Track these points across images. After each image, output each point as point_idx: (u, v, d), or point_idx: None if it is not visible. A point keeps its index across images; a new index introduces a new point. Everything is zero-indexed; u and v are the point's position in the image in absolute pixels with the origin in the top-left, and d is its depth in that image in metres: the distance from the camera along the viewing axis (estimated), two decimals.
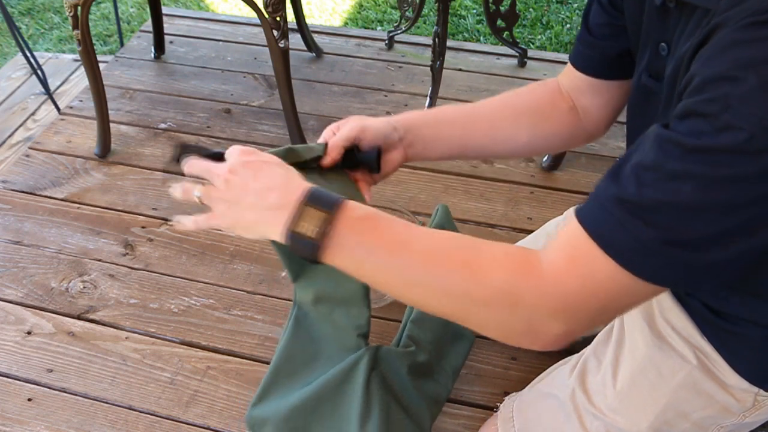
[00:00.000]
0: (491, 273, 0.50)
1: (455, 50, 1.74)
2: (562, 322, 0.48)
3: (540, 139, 0.74)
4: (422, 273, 0.51)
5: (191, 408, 0.97)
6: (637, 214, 0.44)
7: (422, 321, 0.93)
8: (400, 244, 0.52)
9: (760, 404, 0.66)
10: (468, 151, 0.73)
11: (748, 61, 0.40)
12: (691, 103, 0.43)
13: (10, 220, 1.28)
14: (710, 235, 0.42)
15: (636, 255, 0.45)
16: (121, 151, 1.44)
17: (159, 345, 1.06)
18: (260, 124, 1.51)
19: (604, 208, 0.46)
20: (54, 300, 1.13)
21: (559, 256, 0.49)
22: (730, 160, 0.40)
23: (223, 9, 2.40)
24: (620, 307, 0.49)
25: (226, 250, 1.21)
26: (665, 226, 0.43)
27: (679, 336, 0.68)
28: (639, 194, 0.44)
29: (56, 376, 1.02)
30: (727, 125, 0.40)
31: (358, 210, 0.53)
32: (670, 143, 0.43)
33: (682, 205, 0.42)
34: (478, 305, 0.50)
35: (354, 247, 0.52)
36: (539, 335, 0.49)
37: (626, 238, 0.44)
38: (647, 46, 0.58)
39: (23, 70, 1.82)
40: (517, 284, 0.49)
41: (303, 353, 0.86)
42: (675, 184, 0.42)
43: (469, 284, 0.50)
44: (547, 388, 0.81)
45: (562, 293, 0.48)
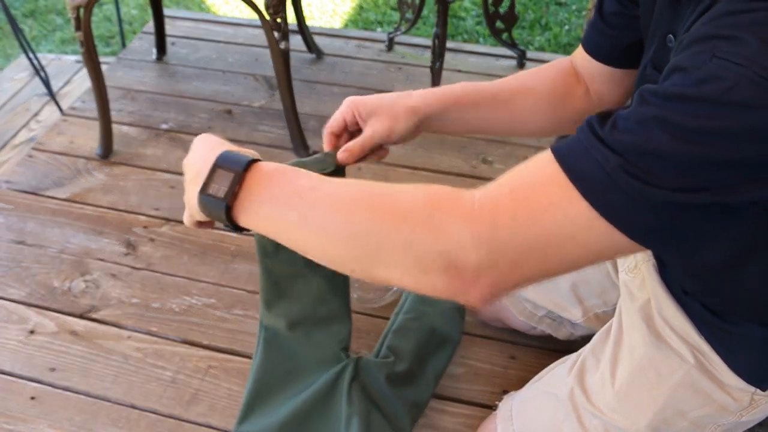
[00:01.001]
0: (409, 194, 0.45)
1: (455, 51, 1.75)
2: (484, 249, 0.42)
3: (556, 123, 0.75)
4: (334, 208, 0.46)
5: (193, 407, 0.98)
6: (605, 144, 0.41)
7: (404, 330, 0.95)
8: (310, 189, 0.48)
9: (756, 403, 0.66)
10: (485, 131, 0.73)
11: (748, 23, 0.38)
12: (675, 60, 0.41)
13: (13, 219, 1.29)
14: (676, 185, 0.39)
15: (600, 185, 0.40)
16: (123, 151, 1.44)
17: (161, 344, 1.07)
18: (261, 125, 1.52)
19: (576, 138, 0.43)
20: (56, 299, 1.14)
21: (501, 181, 0.44)
22: (706, 111, 0.37)
23: (224, 10, 2.41)
24: (557, 254, 0.42)
25: (228, 250, 1.22)
26: (631, 160, 0.39)
27: (677, 335, 0.68)
28: (611, 135, 0.41)
29: (59, 374, 1.02)
30: (709, 76, 0.38)
31: (268, 166, 0.50)
32: (651, 94, 0.41)
33: (649, 149, 0.39)
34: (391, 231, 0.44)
35: (263, 202, 0.49)
36: (460, 275, 0.42)
37: (590, 163, 0.41)
38: (655, 38, 0.58)
39: (26, 72, 1.83)
40: (439, 203, 0.44)
41: (280, 369, 0.87)
42: (648, 128, 0.39)
43: (381, 211, 0.45)
44: (546, 387, 0.82)
45: (491, 213, 0.42)
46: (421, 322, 0.96)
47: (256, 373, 0.87)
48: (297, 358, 0.86)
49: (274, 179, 0.49)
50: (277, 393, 0.87)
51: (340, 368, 0.85)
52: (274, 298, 0.78)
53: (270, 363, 0.86)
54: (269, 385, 0.87)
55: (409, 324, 0.95)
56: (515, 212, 0.42)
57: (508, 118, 0.72)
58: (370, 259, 0.46)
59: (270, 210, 0.48)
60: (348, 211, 0.46)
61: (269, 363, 0.86)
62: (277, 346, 0.86)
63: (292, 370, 0.86)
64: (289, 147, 1.44)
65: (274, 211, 0.48)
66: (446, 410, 0.97)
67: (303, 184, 0.48)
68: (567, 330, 0.97)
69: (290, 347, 0.85)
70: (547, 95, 0.73)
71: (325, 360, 0.85)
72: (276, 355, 0.86)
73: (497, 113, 0.71)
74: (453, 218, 0.43)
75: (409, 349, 0.93)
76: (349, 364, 0.85)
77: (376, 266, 0.46)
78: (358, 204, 0.46)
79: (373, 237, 0.45)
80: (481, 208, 0.43)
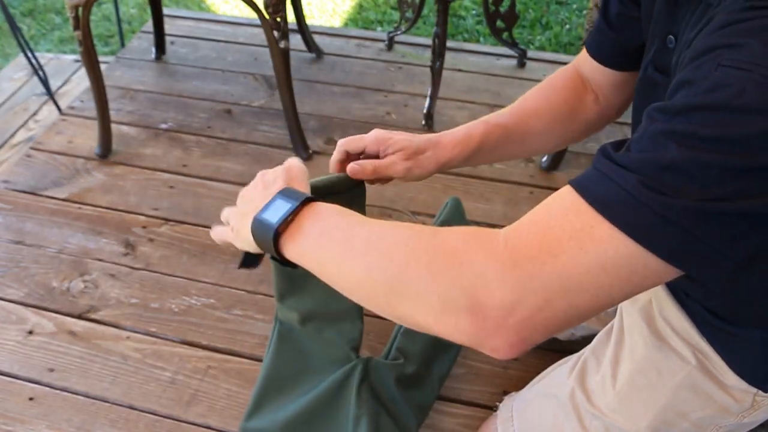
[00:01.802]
0: (438, 236, 0.45)
1: (455, 51, 1.75)
2: (508, 287, 0.40)
3: (568, 140, 0.77)
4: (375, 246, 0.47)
5: (192, 407, 0.98)
6: (621, 166, 0.40)
7: (413, 333, 0.95)
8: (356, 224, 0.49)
9: (758, 404, 0.66)
10: (498, 160, 0.75)
11: (745, 30, 0.39)
12: (681, 75, 0.41)
13: (12, 220, 1.28)
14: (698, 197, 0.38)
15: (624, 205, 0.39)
16: (122, 151, 1.44)
17: (160, 344, 1.06)
18: (261, 125, 1.52)
19: (591, 168, 0.43)
20: (55, 300, 1.13)
21: (525, 217, 0.44)
22: (717, 119, 0.37)
23: (223, 10, 2.40)
24: (592, 287, 0.40)
25: (227, 250, 1.22)
26: (650, 175, 0.39)
27: (678, 336, 0.68)
28: (627, 157, 0.40)
29: (57, 375, 1.02)
30: (716, 85, 0.37)
31: (324, 205, 0.52)
32: (660, 111, 0.41)
33: (666, 165, 0.38)
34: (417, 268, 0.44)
35: (308, 235, 0.51)
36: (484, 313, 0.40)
37: (608, 186, 0.40)
38: (656, 39, 0.58)
39: (25, 71, 1.82)
40: (466, 244, 0.43)
41: (291, 366, 0.87)
42: (661, 144, 0.39)
43: (411, 248, 0.45)
44: (547, 388, 0.82)
45: (515, 249, 0.41)
46: None
47: (267, 369, 0.87)
48: (308, 356, 0.86)
49: (325, 216, 0.51)
50: (286, 390, 0.87)
51: (349, 368, 0.84)
52: (287, 291, 0.79)
53: (281, 359, 0.87)
54: (279, 382, 0.87)
55: None
56: (540, 244, 0.41)
57: (521, 146, 0.73)
58: (396, 293, 0.45)
59: (313, 242, 0.50)
60: (386, 249, 0.46)
61: (281, 359, 0.86)
62: (290, 342, 0.86)
63: (302, 368, 0.86)
64: (288, 147, 1.44)
65: (317, 243, 0.50)
66: (446, 411, 0.96)
67: (351, 221, 0.50)
68: (568, 331, 0.97)
69: (303, 343, 0.85)
70: (559, 114, 0.73)
71: (335, 359, 0.85)
72: (288, 351, 0.86)
73: (512, 147, 0.73)
74: (478, 254, 0.42)
75: (417, 352, 0.93)
76: (359, 364, 0.85)
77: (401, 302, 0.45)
78: (398, 243, 0.46)
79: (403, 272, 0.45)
80: (506, 243, 0.42)
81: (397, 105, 1.57)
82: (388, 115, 1.55)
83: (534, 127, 0.73)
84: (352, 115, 1.54)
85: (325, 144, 1.47)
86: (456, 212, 1.02)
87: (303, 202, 0.52)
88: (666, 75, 0.56)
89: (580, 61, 0.75)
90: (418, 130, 1.49)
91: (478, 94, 1.60)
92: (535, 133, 0.73)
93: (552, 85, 0.75)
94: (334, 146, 1.59)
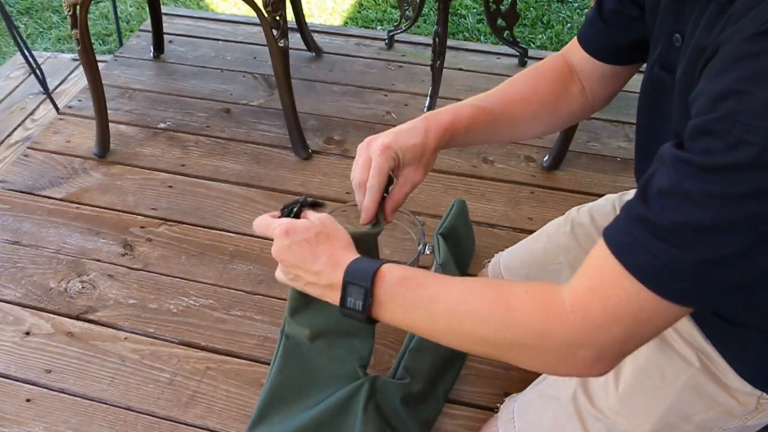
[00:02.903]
0: (518, 317, 0.53)
1: (455, 50, 1.74)
2: (588, 349, 0.50)
3: (554, 127, 0.78)
4: (456, 324, 0.55)
5: (190, 408, 0.97)
6: (660, 236, 0.45)
7: (422, 350, 0.94)
8: (432, 302, 0.57)
9: (762, 407, 0.65)
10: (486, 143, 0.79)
11: (752, 74, 0.40)
12: (700, 122, 0.43)
13: (9, 220, 1.27)
14: (734, 252, 0.43)
15: (660, 275, 0.45)
16: (120, 150, 1.43)
17: (158, 345, 1.05)
18: (260, 124, 1.51)
19: (629, 230, 0.47)
20: (52, 300, 1.13)
21: (582, 283, 0.50)
22: (746, 177, 0.40)
23: (222, 8, 2.39)
24: (649, 330, 0.49)
25: (226, 250, 1.21)
26: (688, 246, 0.44)
27: (681, 338, 0.67)
28: (660, 217, 0.45)
29: (55, 376, 1.01)
30: (738, 141, 0.40)
31: (391, 275, 0.58)
32: (685, 164, 0.43)
33: (702, 227, 0.43)
34: (510, 347, 0.54)
35: (394, 310, 0.58)
36: (574, 363, 0.51)
37: (650, 260, 0.45)
38: (661, 37, 0.58)
39: (22, 70, 1.81)
40: (543, 322, 0.51)
41: (296, 380, 0.87)
42: (694, 206, 0.43)
43: (498, 331, 0.54)
44: (549, 390, 0.81)
45: (584, 320, 0.49)
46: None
47: (272, 381, 0.87)
48: (315, 370, 0.85)
49: (398, 292, 0.58)
50: (290, 403, 0.86)
51: (356, 386, 0.84)
52: (301, 306, 0.77)
53: (286, 372, 0.86)
54: (284, 394, 0.87)
55: (427, 343, 0.94)
56: (603, 314, 0.48)
57: (509, 132, 0.75)
58: (498, 355, 0.55)
59: (402, 317, 0.58)
60: (471, 324, 0.55)
61: (286, 372, 0.86)
62: (296, 357, 0.85)
63: (308, 382, 0.86)
64: (288, 146, 1.43)
65: (408, 316, 0.58)
66: (447, 412, 0.96)
67: (424, 295, 0.57)
68: None
69: (309, 358, 0.85)
70: (547, 103, 0.73)
71: (342, 376, 0.85)
72: (294, 365, 0.86)
73: (499, 131, 0.73)
74: (556, 327, 0.51)
75: (425, 369, 0.92)
76: (366, 382, 0.84)
77: (504, 358, 0.55)
78: (479, 315, 0.54)
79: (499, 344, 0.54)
80: (575, 316, 0.50)
81: (397, 104, 1.56)
82: (388, 114, 1.54)
83: (520, 114, 0.73)
84: (352, 115, 1.54)
85: (324, 143, 1.46)
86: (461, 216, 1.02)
87: (372, 283, 0.58)
88: (673, 74, 0.55)
89: (569, 51, 0.74)
90: None
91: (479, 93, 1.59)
92: (521, 119, 0.73)
93: (540, 73, 0.75)
94: (333, 145, 1.59)
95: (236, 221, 1.27)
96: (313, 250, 0.61)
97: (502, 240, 1.21)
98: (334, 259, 0.60)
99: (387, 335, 1.03)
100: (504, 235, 1.24)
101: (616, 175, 1.36)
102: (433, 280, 0.58)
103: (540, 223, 1.03)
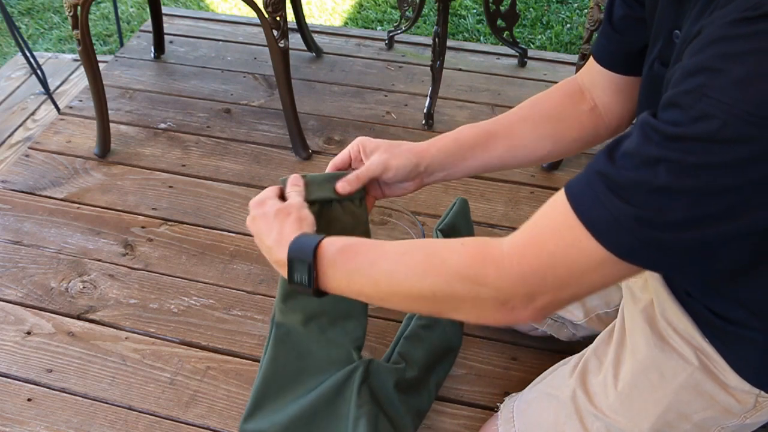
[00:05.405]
0: (453, 266, 0.54)
1: (455, 50, 1.74)
2: (521, 296, 0.52)
3: (562, 146, 0.75)
4: (396, 285, 0.58)
5: (191, 408, 0.97)
6: (615, 191, 0.46)
7: (416, 338, 0.94)
8: (372, 265, 0.59)
9: (761, 405, 0.66)
10: (489, 168, 0.76)
11: (725, 53, 0.41)
12: (671, 94, 0.44)
13: (10, 220, 1.28)
14: (683, 218, 0.44)
15: (610, 229, 0.46)
16: (120, 151, 1.44)
17: (159, 345, 1.06)
18: (260, 124, 1.51)
19: (589, 183, 0.48)
20: (54, 300, 1.13)
21: (525, 232, 0.52)
22: (702, 148, 0.42)
23: (222, 9, 2.40)
24: (585, 283, 0.50)
25: (226, 250, 1.21)
26: (640, 205, 0.45)
27: (680, 337, 0.67)
28: (619, 174, 0.46)
29: (56, 376, 1.01)
30: (702, 114, 0.41)
31: (330, 247, 0.60)
32: (652, 130, 0.45)
33: (656, 188, 0.44)
34: (448, 298, 0.55)
35: (339, 279, 0.60)
36: (512, 310, 0.53)
37: (602, 212, 0.46)
38: (660, 34, 0.58)
39: (23, 70, 1.82)
40: (477, 269, 0.53)
41: (290, 368, 0.86)
42: (651, 168, 0.44)
43: (435, 284, 0.55)
44: (548, 389, 0.81)
45: (520, 265, 0.51)
46: (432, 331, 0.95)
47: (265, 371, 0.86)
48: (308, 356, 0.85)
49: (339, 261, 0.60)
50: (285, 391, 0.86)
51: (350, 369, 0.84)
52: (290, 290, 0.78)
53: (279, 361, 0.86)
54: (278, 383, 0.87)
55: (420, 332, 0.94)
56: (539, 257, 0.50)
57: (510, 151, 0.74)
58: (438, 309, 0.57)
59: (347, 285, 0.60)
60: (410, 280, 0.56)
61: (278, 361, 0.86)
62: (288, 345, 0.85)
63: (302, 369, 0.85)
64: (288, 146, 1.44)
65: (350, 285, 0.60)
66: (447, 412, 0.96)
67: (364, 261, 0.59)
68: (569, 331, 0.96)
69: (302, 345, 0.85)
70: (549, 119, 0.73)
71: (337, 360, 0.84)
72: (286, 353, 0.85)
73: (497, 149, 0.73)
74: (491, 272, 0.52)
75: (419, 357, 0.92)
76: (360, 366, 0.84)
77: (444, 313, 0.57)
78: (417, 271, 0.56)
79: (438, 296, 0.56)
80: (510, 261, 0.51)
81: (397, 104, 1.56)
82: (388, 114, 1.54)
83: (520, 129, 0.73)
84: (352, 115, 1.54)
85: (324, 143, 1.46)
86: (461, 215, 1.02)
87: (313, 256, 0.59)
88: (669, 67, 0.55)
89: (582, 72, 0.75)
90: (418, 130, 1.49)
91: (479, 94, 1.60)
92: (522, 137, 0.73)
93: (544, 93, 0.76)
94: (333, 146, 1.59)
95: (237, 221, 1.27)
96: (269, 225, 0.64)
97: None
98: (281, 236, 0.63)
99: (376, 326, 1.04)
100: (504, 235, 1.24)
101: None
102: (371, 246, 0.60)
103: None
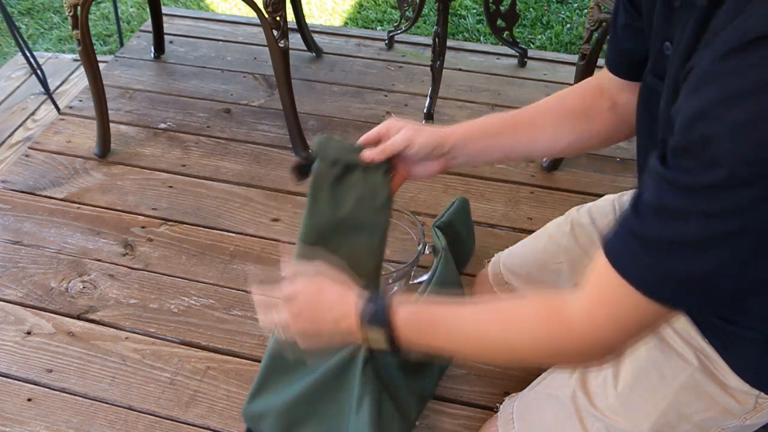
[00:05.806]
0: (532, 339, 0.58)
1: (455, 50, 1.74)
2: (602, 352, 0.55)
3: (582, 140, 0.76)
4: (479, 351, 0.64)
5: (191, 408, 0.97)
6: (650, 250, 0.48)
7: None
8: (451, 333, 0.62)
9: (761, 406, 0.66)
10: (511, 157, 0.77)
11: (720, 96, 0.42)
12: (679, 140, 0.45)
13: (10, 220, 1.28)
14: (722, 264, 0.45)
15: (653, 285, 0.49)
16: (120, 151, 1.44)
17: (159, 345, 1.06)
18: (260, 124, 1.51)
19: (624, 241, 0.50)
20: (54, 300, 1.13)
21: (587, 295, 0.54)
22: (724, 195, 0.43)
23: (222, 9, 2.40)
24: (656, 326, 0.53)
25: (226, 250, 1.21)
26: (676, 260, 0.47)
27: (680, 338, 0.67)
28: (650, 231, 0.48)
29: (56, 376, 1.01)
30: (710, 163, 0.42)
31: (405, 311, 0.62)
32: (666, 180, 0.46)
33: (688, 241, 0.46)
34: (531, 359, 0.62)
35: (419, 343, 0.63)
36: (598, 359, 0.56)
37: (643, 271, 0.49)
38: (655, 45, 0.58)
39: (23, 70, 1.81)
40: (553, 337, 0.56)
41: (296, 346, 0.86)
42: (677, 222, 0.46)
43: (515, 351, 0.60)
44: (548, 389, 0.81)
45: (593, 333, 0.54)
46: None
47: (272, 350, 0.87)
48: None
49: (421, 327, 0.63)
50: (289, 372, 0.87)
51: (354, 349, 0.84)
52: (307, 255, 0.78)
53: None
54: (282, 363, 0.87)
55: None
56: (607, 320, 0.52)
57: (532, 141, 0.75)
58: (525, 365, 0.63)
59: (427, 345, 0.63)
60: (495, 354, 0.63)
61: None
62: None
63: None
64: (288, 146, 1.44)
65: (430, 349, 0.63)
66: (446, 411, 0.96)
67: (439, 331, 0.62)
68: None
69: None
70: (571, 113, 0.75)
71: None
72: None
73: (520, 138, 0.74)
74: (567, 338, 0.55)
75: None
76: (363, 347, 0.83)
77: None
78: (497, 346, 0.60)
79: (519, 361, 0.65)
80: (582, 328, 0.54)
81: (397, 104, 1.56)
82: (388, 114, 1.54)
83: (542, 122, 0.74)
84: (352, 115, 1.54)
85: None
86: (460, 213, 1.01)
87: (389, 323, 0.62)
88: (662, 79, 0.56)
89: (602, 73, 0.76)
90: None
91: (479, 94, 1.60)
92: (543, 127, 0.74)
93: (569, 89, 0.78)
94: None
95: (236, 221, 1.27)
96: (317, 309, 0.65)
97: (502, 240, 1.22)
98: (344, 305, 0.64)
99: None
100: (504, 235, 1.24)
101: (615, 175, 1.36)
102: (444, 310, 0.62)
103: (540, 223, 1.03)
